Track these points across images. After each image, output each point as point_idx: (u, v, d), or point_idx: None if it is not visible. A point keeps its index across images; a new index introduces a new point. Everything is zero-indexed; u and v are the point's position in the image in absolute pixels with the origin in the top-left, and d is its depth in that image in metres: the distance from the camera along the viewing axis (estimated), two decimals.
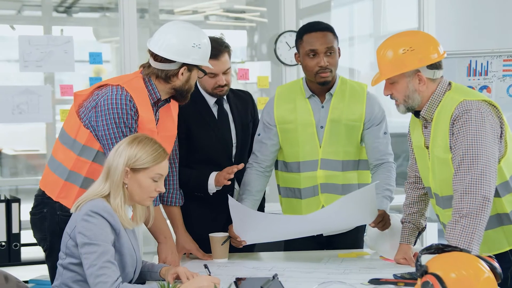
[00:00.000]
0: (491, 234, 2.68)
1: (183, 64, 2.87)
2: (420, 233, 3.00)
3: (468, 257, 2.11)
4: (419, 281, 2.08)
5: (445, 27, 5.15)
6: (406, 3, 5.39)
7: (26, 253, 3.97)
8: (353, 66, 5.87)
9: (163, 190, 2.57)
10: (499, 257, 2.49)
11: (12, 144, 6.58)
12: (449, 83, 2.76)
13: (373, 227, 3.05)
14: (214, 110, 3.40)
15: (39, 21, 5.89)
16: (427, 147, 2.78)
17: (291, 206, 3.35)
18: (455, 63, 4.47)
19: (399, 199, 3.28)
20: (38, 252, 3.14)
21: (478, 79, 4.46)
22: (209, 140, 3.35)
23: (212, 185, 3.23)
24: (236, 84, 5.00)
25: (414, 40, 2.69)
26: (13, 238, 3.89)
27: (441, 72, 2.74)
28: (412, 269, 2.78)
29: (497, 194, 2.63)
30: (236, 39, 5.94)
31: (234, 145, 3.41)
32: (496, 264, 2.10)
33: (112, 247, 2.45)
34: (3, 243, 3.87)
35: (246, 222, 3.07)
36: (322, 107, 3.26)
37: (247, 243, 3.12)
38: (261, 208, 3.45)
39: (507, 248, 2.70)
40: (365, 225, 3.27)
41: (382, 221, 3.03)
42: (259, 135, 3.34)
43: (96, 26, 6.07)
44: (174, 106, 3.05)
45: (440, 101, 2.71)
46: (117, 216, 2.50)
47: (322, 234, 3.29)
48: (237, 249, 3.18)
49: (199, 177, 3.26)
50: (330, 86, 3.25)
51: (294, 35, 3.37)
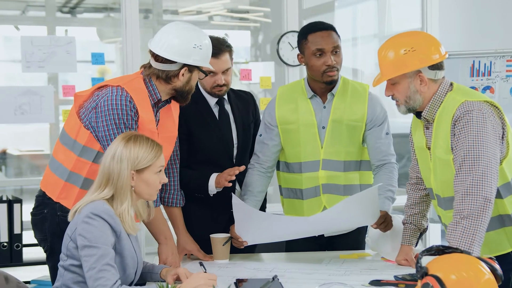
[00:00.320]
0: (493, 236, 2.67)
1: (184, 65, 2.86)
2: (421, 234, 2.99)
3: (469, 258, 2.10)
4: (419, 283, 2.08)
5: (448, 27, 5.14)
6: (410, 3, 5.37)
7: (28, 253, 3.98)
8: (356, 66, 5.86)
9: (166, 180, 2.61)
10: (500, 258, 2.49)
11: (17, 144, 6.59)
12: (451, 84, 2.74)
13: (375, 228, 3.04)
14: (215, 110, 3.39)
15: (43, 22, 5.89)
16: (429, 148, 2.77)
17: (292, 207, 3.34)
18: (458, 63, 4.45)
19: (403, 199, 3.26)
20: (39, 253, 3.14)
21: (481, 80, 4.44)
22: (210, 140, 3.34)
23: (213, 186, 3.22)
24: (240, 84, 5.00)
25: (415, 41, 2.68)
26: (15, 238, 3.89)
27: (443, 72, 2.72)
28: (413, 270, 2.77)
29: (499, 195, 2.62)
30: (240, 40, 5.94)
31: (235, 145, 3.40)
32: (497, 266, 2.10)
33: (112, 249, 2.44)
34: (5, 244, 3.87)
35: (248, 222, 3.06)
36: (324, 107, 3.25)
37: (248, 244, 3.12)
38: (262, 208, 3.44)
39: (509, 250, 2.69)
40: (367, 226, 3.26)
41: (384, 222, 3.02)
42: (260, 135, 3.33)
43: (100, 27, 6.08)
44: (174, 107, 3.04)
45: (441, 102, 2.70)
46: (120, 221, 2.50)
47: (323, 235, 3.29)
48: (238, 250, 3.18)
49: (199, 178, 3.25)
50: (332, 86, 3.25)
51: (296, 36, 3.35)
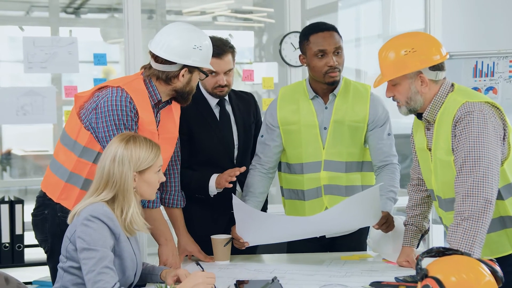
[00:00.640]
0: (494, 237, 2.66)
1: (184, 66, 2.86)
2: (423, 235, 2.98)
3: (469, 260, 2.10)
4: (419, 285, 2.07)
5: (451, 28, 5.12)
6: (413, 3, 5.36)
7: (30, 254, 3.98)
8: (360, 67, 5.85)
9: (164, 178, 2.64)
10: (502, 260, 2.48)
11: (21, 145, 6.60)
12: (452, 85, 2.73)
13: (377, 229, 3.03)
14: (216, 111, 3.38)
15: (47, 22, 5.89)
16: (430, 149, 2.76)
17: (294, 208, 3.33)
18: (461, 64, 4.43)
19: (405, 200, 3.25)
20: (41, 253, 3.14)
21: (484, 80, 4.42)
22: (211, 141, 3.33)
23: (213, 187, 3.22)
24: (244, 85, 4.99)
25: (416, 42, 2.67)
26: (16, 239, 3.89)
27: (444, 73, 2.71)
28: (414, 272, 2.76)
29: (500, 197, 2.61)
30: (244, 40, 5.93)
31: (236, 146, 3.39)
32: (498, 268, 2.09)
33: (111, 252, 2.44)
34: (7, 244, 3.87)
35: (249, 222, 3.05)
36: (326, 108, 3.24)
37: (250, 245, 3.11)
38: (264, 209, 3.44)
39: (510, 251, 2.68)
40: (369, 227, 3.25)
41: (386, 223, 3.02)
42: (262, 136, 3.33)
43: (104, 27, 6.08)
44: (175, 107, 3.04)
45: (442, 103, 2.69)
46: (121, 223, 2.49)
47: (325, 236, 3.28)
48: (239, 251, 3.17)
49: (200, 179, 3.25)
50: (334, 87, 3.24)
51: (298, 36, 3.34)
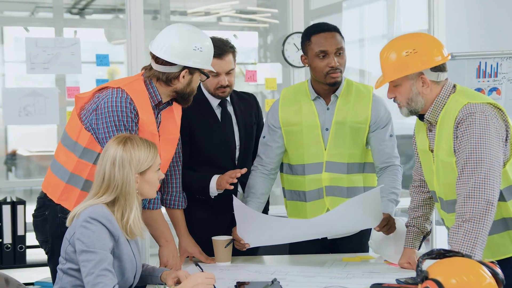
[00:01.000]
0: (496, 239, 2.64)
1: (184, 67, 2.85)
2: (425, 237, 2.97)
3: (470, 262, 2.09)
4: (419, 287, 2.06)
5: (455, 28, 5.10)
6: (417, 3, 5.35)
7: (31, 255, 3.99)
8: (364, 67, 5.84)
9: (163, 175, 2.64)
10: (504, 262, 2.48)
11: (26, 145, 6.62)
12: (454, 86, 2.72)
13: (378, 231, 3.02)
14: (218, 112, 3.38)
15: (51, 23, 5.90)
16: (432, 151, 2.75)
17: (296, 209, 3.33)
18: (464, 64, 4.40)
19: (408, 202, 3.24)
20: (43, 254, 3.14)
21: (488, 81, 4.40)
22: (212, 142, 3.33)
23: (214, 188, 3.21)
24: (247, 86, 4.98)
25: (417, 42, 2.66)
26: (18, 240, 3.90)
27: (445, 74, 2.70)
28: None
29: (502, 198, 2.60)
30: (249, 41, 5.93)
31: (237, 147, 3.39)
32: (499, 270, 2.08)
33: (110, 254, 2.44)
34: (9, 245, 3.88)
35: (250, 224, 3.04)
36: (328, 109, 3.24)
37: (251, 246, 3.10)
38: (265, 211, 3.43)
39: None
40: (371, 229, 3.24)
41: (387, 225, 3.00)
42: (264, 137, 3.32)
43: (109, 28, 6.08)
44: (176, 108, 3.03)
45: (444, 104, 2.68)
46: (122, 226, 2.49)
47: (326, 238, 3.27)
48: (240, 252, 3.16)
49: (201, 180, 3.24)
50: (336, 88, 3.23)
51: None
